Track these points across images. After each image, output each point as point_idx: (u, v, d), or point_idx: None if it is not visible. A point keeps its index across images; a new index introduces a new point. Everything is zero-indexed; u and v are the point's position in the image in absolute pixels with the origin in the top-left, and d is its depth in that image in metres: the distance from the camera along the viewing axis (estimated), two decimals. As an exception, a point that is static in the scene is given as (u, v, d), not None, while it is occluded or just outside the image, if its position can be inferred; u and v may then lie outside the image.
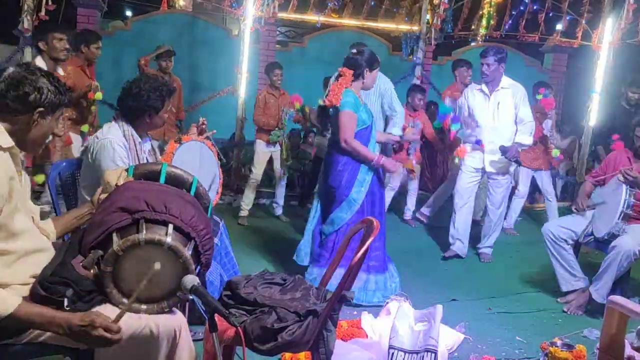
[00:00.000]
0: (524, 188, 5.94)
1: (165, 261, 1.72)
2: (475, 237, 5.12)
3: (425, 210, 6.09)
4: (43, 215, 2.05)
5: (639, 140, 3.83)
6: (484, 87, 4.77)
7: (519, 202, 5.99)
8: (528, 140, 4.72)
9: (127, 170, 2.11)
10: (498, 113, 4.69)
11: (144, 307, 1.77)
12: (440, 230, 6.07)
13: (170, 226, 1.77)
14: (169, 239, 1.73)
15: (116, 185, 2.01)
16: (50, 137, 1.90)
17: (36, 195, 5.26)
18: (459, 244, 4.89)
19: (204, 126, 3.34)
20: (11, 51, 6.06)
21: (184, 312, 2.73)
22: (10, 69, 1.79)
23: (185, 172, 2.14)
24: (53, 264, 1.78)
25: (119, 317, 1.65)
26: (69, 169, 2.91)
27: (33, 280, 1.77)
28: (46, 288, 1.70)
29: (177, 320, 1.81)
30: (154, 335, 1.74)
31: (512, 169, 4.97)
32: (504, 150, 4.56)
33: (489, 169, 4.76)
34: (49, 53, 4.28)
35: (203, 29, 8.39)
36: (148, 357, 1.76)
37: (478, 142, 4.75)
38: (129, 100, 2.75)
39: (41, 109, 1.77)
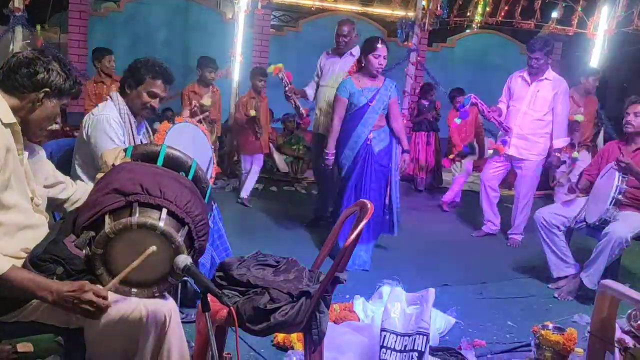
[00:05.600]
0: None
1: (158, 246, 1.71)
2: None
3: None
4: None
5: (627, 116, 3.84)
6: (525, 74, 4.86)
7: None
8: (564, 142, 4.90)
9: (125, 150, 2.09)
10: (535, 101, 4.77)
11: (134, 290, 1.76)
12: (433, 216, 6.11)
13: (164, 211, 1.75)
14: (161, 224, 1.71)
15: (113, 165, 1.99)
16: (55, 126, 1.93)
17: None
18: (489, 225, 5.20)
19: (196, 109, 3.33)
20: (2, 30, 5.98)
21: (175, 294, 2.74)
22: (26, 51, 1.86)
23: (184, 154, 2.12)
24: (45, 241, 1.77)
25: (109, 288, 1.66)
26: (61, 148, 2.89)
27: (24, 254, 1.76)
28: (36, 265, 1.68)
29: (167, 306, 1.80)
30: (142, 319, 1.73)
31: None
32: (549, 165, 4.87)
33: (514, 153, 4.86)
34: None
35: (197, 12, 8.32)
36: (136, 340, 1.75)
37: (504, 142, 4.89)
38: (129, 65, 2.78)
39: (47, 89, 1.80)
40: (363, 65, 4.20)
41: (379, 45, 4.11)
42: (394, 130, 4.29)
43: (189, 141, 2.94)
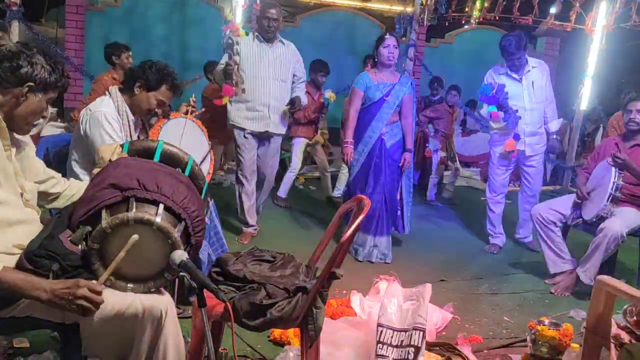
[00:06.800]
0: None
1: (154, 241, 1.71)
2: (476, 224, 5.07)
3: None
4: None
5: (629, 114, 3.82)
6: (508, 70, 4.56)
7: None
8: (558, 124, 4.72)
9: (122, 145, 2.08)
10: (534, 93, 4.54)
11: (130, 285, 1.76)
12: (430, 212, 6.11)
13: (161, 206, 1.75)
14: (158, 219, 1.71)
15: (110, 160, 1.98)
16: (41, 120, 1.87)
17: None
18: (501, 237, 4.85)
19: (194, 105, 3.32)
20: (-2, 25, 5.95)
21: (172, 290, 2.74)
22: (10, 44, 1.80)
23: (181, 150, 2.12)
24: (40, 237, 1.76)
25: (101, 283, 1.67)
26: (57, 143, 2.89)
27: (17, 250, 1.75)
28: (32, 261, 1.68)
29: (163, 301, 1.79)
30: (138, 314, 1.73)
31: None
32: (552, 150, 4.67)
33: (529, 152, 4.62)
34: None
35: (194, 7, 8.30)
36: (132, 336, 1.75)
37: (517, 137, 4.57)
38: (137, 64, 2.80)
39: (31, 83, 1.76)
40: (376, 60, 4.37)
41: (387, 36, 4.32)
42: (402, 127, 4.37)
43: (185, 137, 2.94)
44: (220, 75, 4.27)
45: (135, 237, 1.67)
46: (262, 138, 4.44)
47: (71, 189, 2.10)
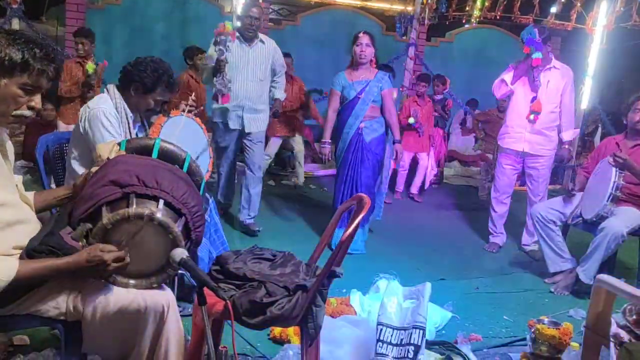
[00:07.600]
0: None
1: (155, 237, 1.72)
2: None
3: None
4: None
5: (637, 114, 3.79)
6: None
7: None
8: (573, 134, 4.61)
9: (119, 143, 2.08)
10: (547, 92, 4.37)
11: (132, 282, 1.76)
12: (429, 211, 6.11)
13: (161, 202, 1.75)
14: (159, 215, 1.71)
15: (108, 158, 1.98)
16: (30, 113, 1.72)
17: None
18: (501, 236, 4.82)
19: (193, 104, 3.32)
20: (-2, 23, 5.95)
21: (173, 288, 2.74)
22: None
23: (178, 148, 2.12)
24: (41, 234, 1.76)
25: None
26: (57, 141, 2.89)
27: (16, 251, 1.73)
28: (33, 257, 1.68)
29: (165, 297, 1.80)
30: (141, 310, 1.73)
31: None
32: (560, 159, 4.59)
33: (529, 150, 4.48)
34: None
35: (195, 5, 8.29)
36: (135, 332, 1.76)
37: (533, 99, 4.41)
38: (130, 64, 2.77)
39: None
40: (352, 58, 4.43)
41: (360, 35, 4.38)
42: (386, 121, 4.42)
43: (185, 134, 2.94)
44: (210, 72, 4.28)
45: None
46: (242, 134, 4.54)
47: None
